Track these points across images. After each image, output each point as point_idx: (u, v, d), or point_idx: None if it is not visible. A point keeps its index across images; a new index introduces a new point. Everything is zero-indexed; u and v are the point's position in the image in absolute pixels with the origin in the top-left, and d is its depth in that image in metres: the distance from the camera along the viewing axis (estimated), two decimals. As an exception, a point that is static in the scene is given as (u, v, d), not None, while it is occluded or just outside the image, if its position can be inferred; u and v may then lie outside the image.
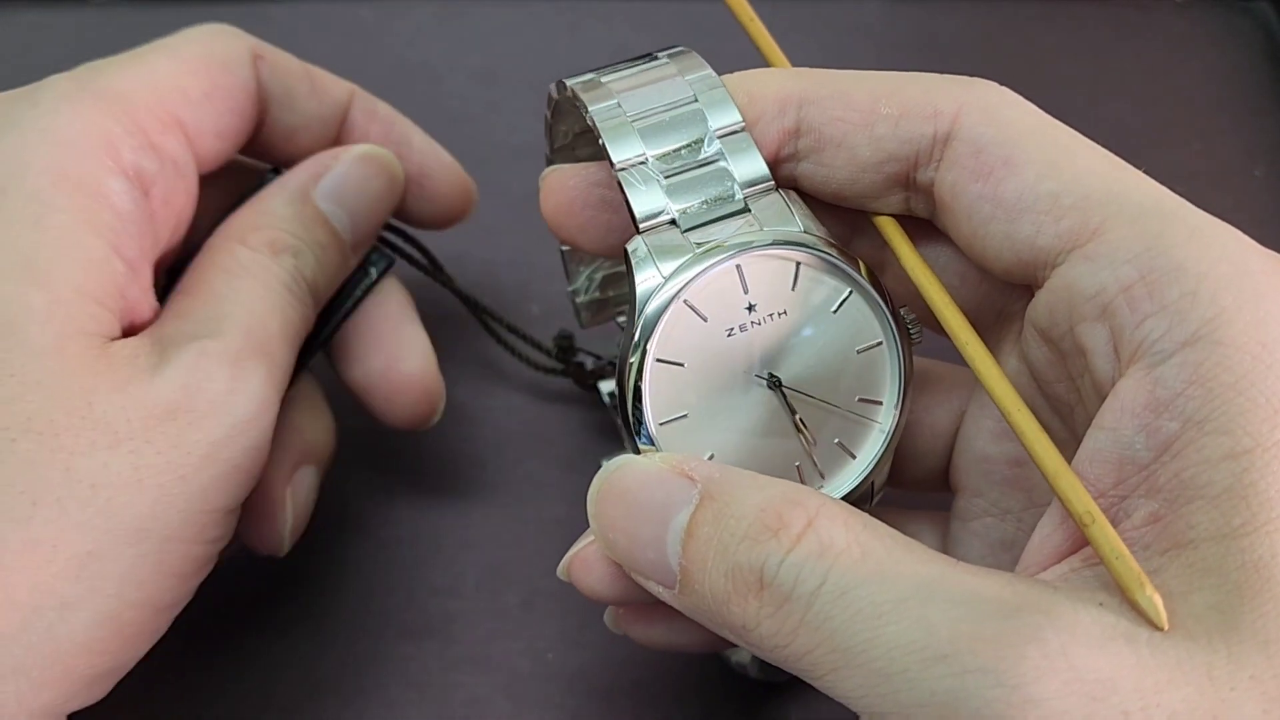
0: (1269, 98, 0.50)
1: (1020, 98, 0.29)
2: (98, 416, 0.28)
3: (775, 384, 0.28)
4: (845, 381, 0.29)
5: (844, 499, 0.28)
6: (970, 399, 0.32)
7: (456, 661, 0.37)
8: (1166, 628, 0.23)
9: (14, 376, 0.28)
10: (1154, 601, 0.23)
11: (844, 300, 0.29)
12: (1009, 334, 0.31)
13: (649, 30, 0.49)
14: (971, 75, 0.30)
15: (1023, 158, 0.27)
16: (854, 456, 0.29)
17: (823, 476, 0.29)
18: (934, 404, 0.33)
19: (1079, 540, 0.26)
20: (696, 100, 0.29)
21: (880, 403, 0.29)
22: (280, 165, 0.37)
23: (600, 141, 0.29)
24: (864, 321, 0.29)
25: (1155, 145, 0.48)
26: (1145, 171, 0.28)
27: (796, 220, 0.29)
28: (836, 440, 0.29)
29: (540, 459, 0.41)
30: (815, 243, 0.28)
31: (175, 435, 0.29)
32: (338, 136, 0.37)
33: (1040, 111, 0.28)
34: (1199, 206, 0.27)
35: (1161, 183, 0.27)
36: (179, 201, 0.33)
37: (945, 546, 0.33)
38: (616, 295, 0.39)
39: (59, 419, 0.28)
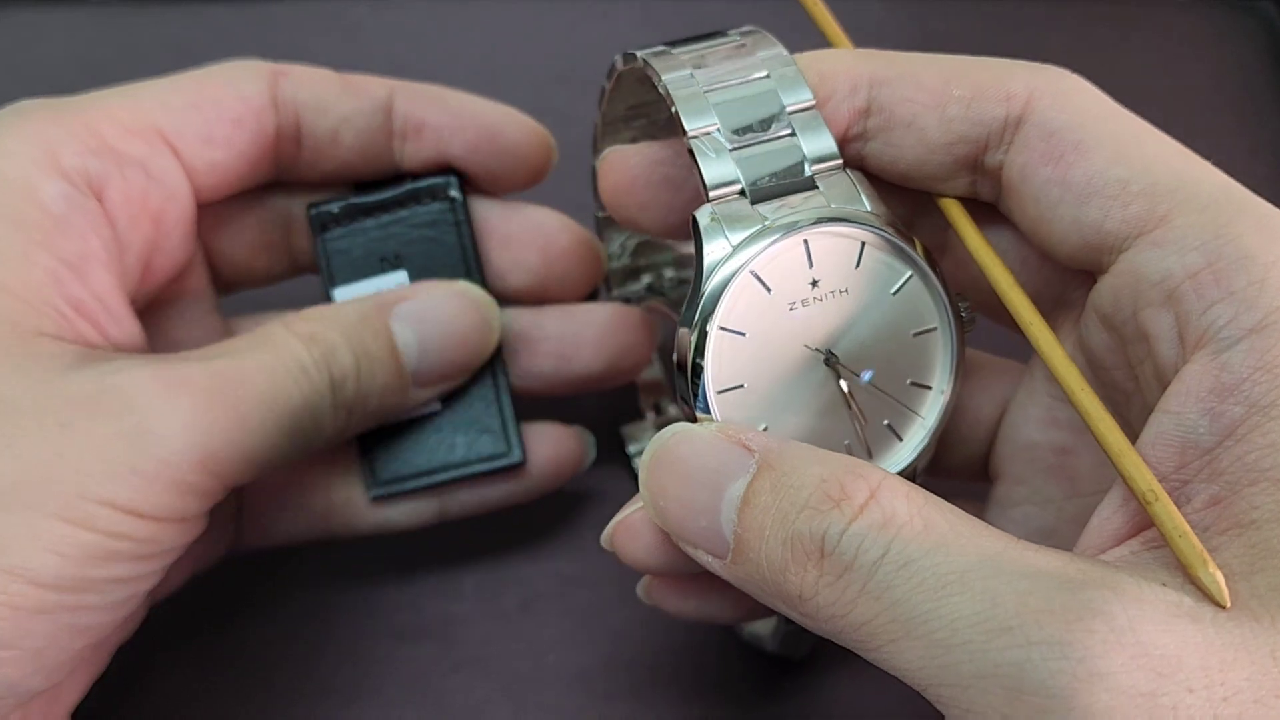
0: (1271, 97, 0.50)
1: (1090, 84, 0.29)
2: None
3: (832, 361, 0.29)
4: (899, 364, 0.29)
5: None
6: (1017, 387, 0.32)
7: (456, 663, 0.37)
8: (1229, 605, 0.23)
9: None
10: (1216, 579, 0.23)
11: (905, 282, 0.29)
12: (1066, 321, 0.31)
13: (652, 28, 0.49)
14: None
15: (1093, 143, 0.27)
16: (901, 439, 0.30)
17: (870, 456, 0.29)
18: (978, 391, 0.33)
19: (1139, 524, 0.26)
20: (769, 77, 0.29)
21: (930, 387, 0.29)
22: (359, 180, 0.37)
23: (673, 109, 0.29)
24: (922, 305, 0.29)
25: (1157, 145, 0.48)
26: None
27: (863, 200, 0.29)
28: (886, 421, 0.29)
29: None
30: (880, 223, 0.29)
31: (65, 427, 0.28)
32: (390, 132, 0.37)
33: (1110, 99, 0.29)
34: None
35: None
36: (154, 202, 0.33)
37: None
38: (648, 263, 0.39)
39: None
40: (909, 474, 0.30)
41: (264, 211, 0.38)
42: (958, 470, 0.34)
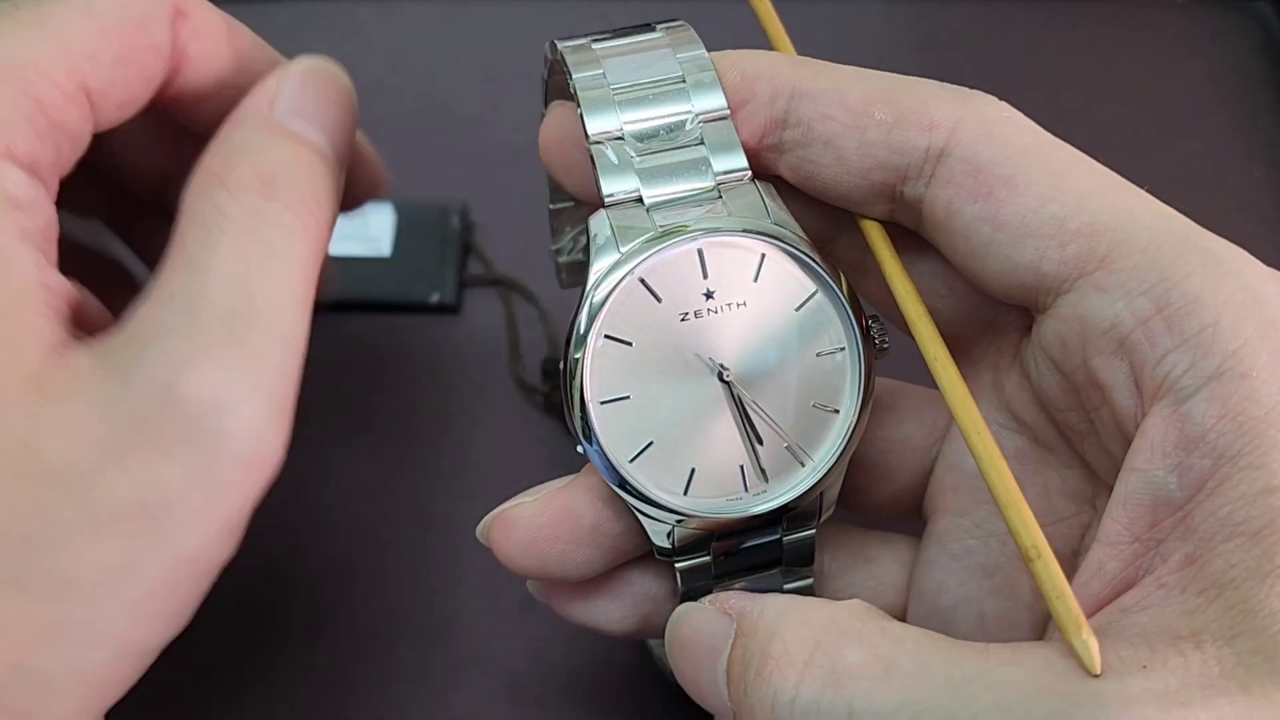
0: (1269, 97, 0.50)
1: (1018, 114, 0.28)
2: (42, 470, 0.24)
3: (726, 376, 0.27)
4: (801, 384, 0.28)
5: (787, 508, 0.28)
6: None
7: (456, 663, 0.37)
8: (1098, 672, 0.22)
9: None
10: (1089, 646, 0.22)
11: (808, 299, 0.28)
12: (998, 346, 0.30)
13: (649, 30, 0.49)
14: (972, 75, 0.29)
15: (1023, 178, 0.26)
16: (802, 464, 0.28)
17: (766, 480, 0.28)
18: (909, 420, 0.32)
19: (1116, 588, 0.25)
20: (684, 80, 0.28)
21: (835, 411, 0.28)
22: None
23: (579, 112, 0.28)
24: (827, 324, 0.28)
25: (1155, 145, 0.48)
26: (1146, 172, 0.28)
27: (769, 212, 0.28)
28: (786, 445, 0.28)
29: (539, 463, 0.41)
30: (784, 235, 0.28)
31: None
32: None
33: (1039, 129, 0.28)
34: (1199, 207, 0.27)
35: (1161, 182, 0.27)
36: (67, 164, 0.29)
37: (914, 570, 0.32)
38: None
39: None
40: (813, 504, 0.29)
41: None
42: (885, 505, 0.33)
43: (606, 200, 0.28)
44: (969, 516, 0.31)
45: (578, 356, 0.27)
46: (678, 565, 0.29)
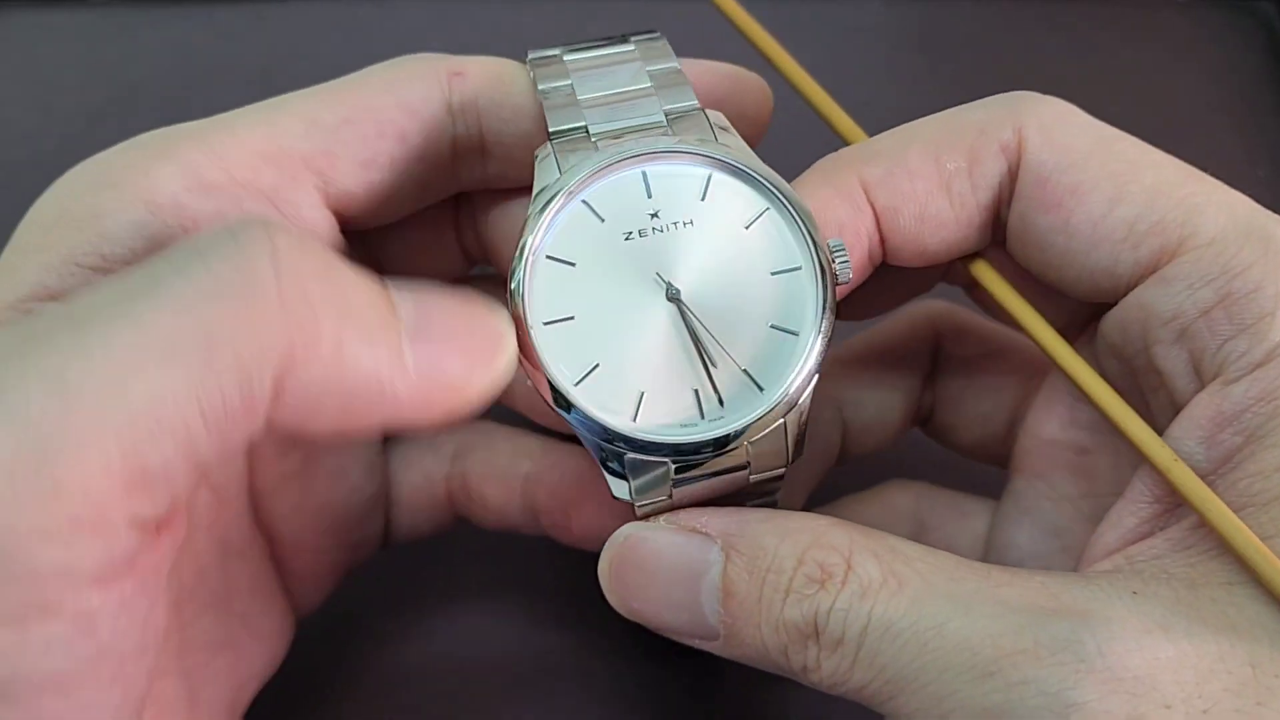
0: (1271, 97, 0.49)
1: (1073, 109, 0.28)
2: None
3: (674, 296, 0.27)
4: (756, 304, 0.27)
5: (748, 433, 0.27)
6: (1041, 385, 0.32)
7: (456, 663, 0.37)
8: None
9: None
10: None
11: (758, 217, 0.27)
12: (1074, 340, 0.31)
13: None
14: (972, 75, 0.29)
15: (1089, 184, 0.27)
16: (761, 388, 0.27)
17: (722, 405, 0.27)
18: (1004, 371, 0.33)
19: (1128, 539, 0.26)
20: (654, 93, 0.29)
21: (795, 333, 0.27)
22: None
23: (545, 121, 0.28)
24: (781, 242, 0.27)
25: (1158, 145, 0.47)
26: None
27: (714, 135, 0.28)
28: (744, 368, 0.27)
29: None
30: (731, 155, 0.27)
31: None
32: None
33: (1097, 123, 0.28)
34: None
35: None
36: None
37: (994, 525, 0.33)
38: None
39: None
40: (778, 437, 0.27)
41: (431, 212, 0.33)
42: (971, 448, 0.34)
43: (553, 134, 0.28)
44: (1044, 480, 0.32)
45: (521, 278, 0.26)
46: (638, 506, 0.28)
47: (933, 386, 0.35)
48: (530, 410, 0.34)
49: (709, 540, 0.26)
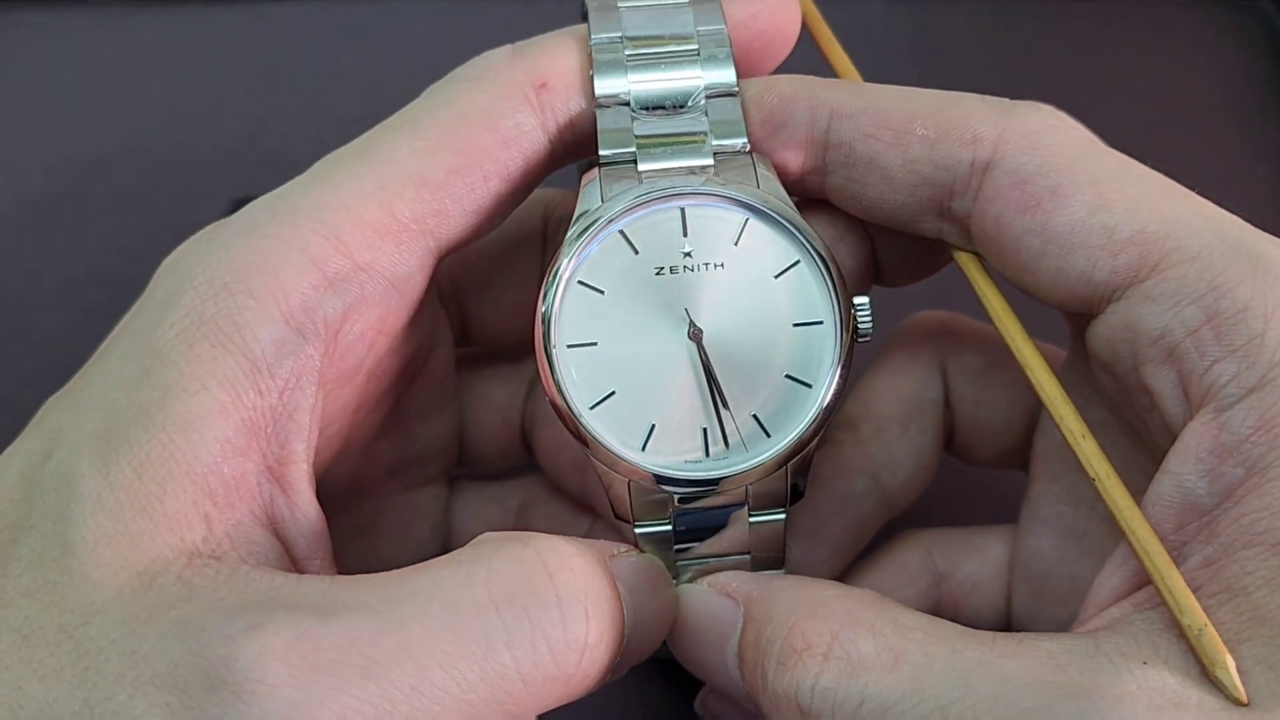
0: (1272, 96, 0.49)
1: (1066, 119, 0.28)
2: None
3: (696, 335, 0.27)
4: (775, 354, 0.27)
5: (748, 477, 0.27)
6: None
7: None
8: (1246, 701, 0.22)
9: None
10: (1231, 675, 0.22)
11: (789, 268, 0.28)
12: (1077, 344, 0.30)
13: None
14: (973, 75, 0.29)
15: (1070, 188, 0.26)
16: (769, 435, 0.27)
17: (728, 447, 0.27)
18: (1011, 382, 0.33)
19: (1136, 582, 0.25)
20: (698, 51, 0.29)
21: (808, 385, 0.27)
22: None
23: (590, 72, 0.29)
24: (807, 295, 0.27)
25: (1157, 145, 0.47)
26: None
27: (759, 182, 0.28)
28: (754, 413, 0.27)
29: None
30: (771, 203, 0.27)
31: None
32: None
33: (1087, 133, 0.28)
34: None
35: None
36: (393, 317, 0.28)
37: (1017, 537, 0.33)
38: None
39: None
40: (777, 486, 0.28)
41: (528, 264, 0.33)
42: (993, 460, 0.34)
43: (603, 159, 0.28)
44: (1060, 482, 0.32)
45: (551, 300, 0.27)
46: (637, 530, 0.28)
47: (949, 410, 0.34)
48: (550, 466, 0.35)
49: (734, 605, 0.26)
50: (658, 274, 0.27)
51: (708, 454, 0.27)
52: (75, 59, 0.49)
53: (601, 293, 0.27)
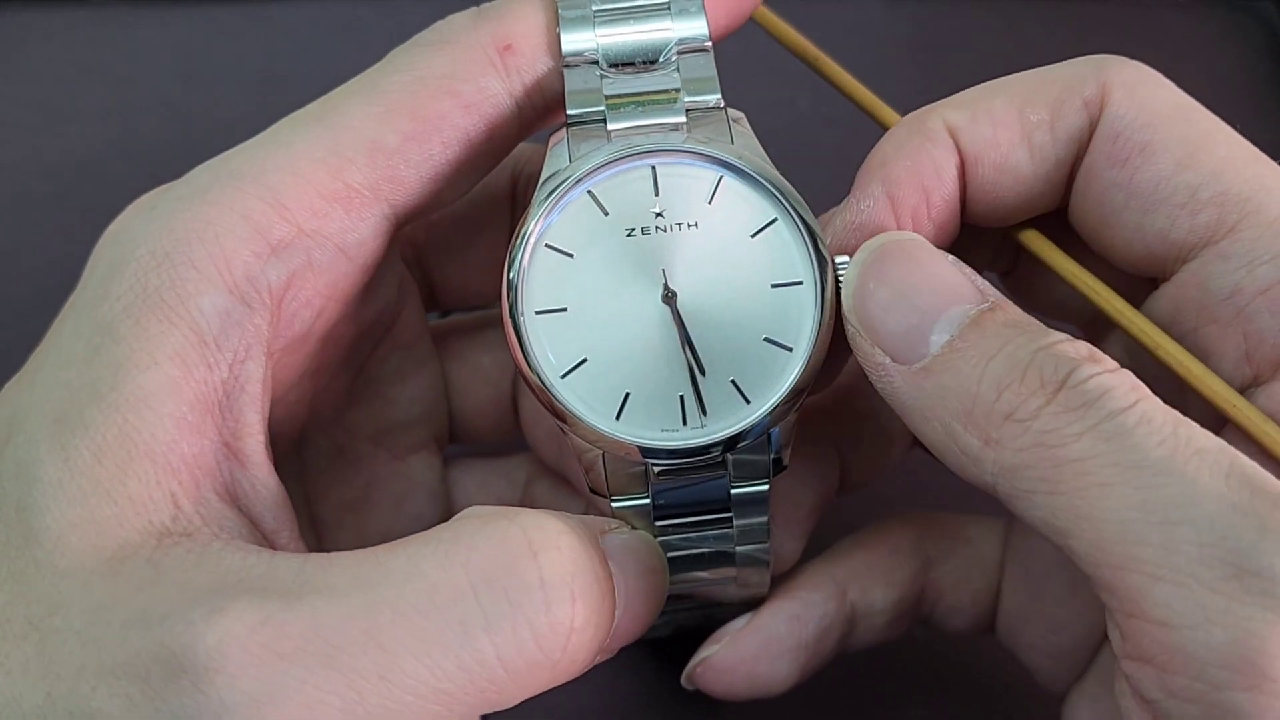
0: (1272, 97, 0.49)
1: (1161, 77, 0.28)
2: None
3: (670, 298, 0.26)
4: (752, 316, 0.26)
5: (727, 448, 0.26)
6: None
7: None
8: None
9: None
10: None
11: (765, 226, 0.27)
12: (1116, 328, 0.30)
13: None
14: (972, 76, 0.29)
15: (1160, 145, 0.26)
16: (747, 401, 0.26)
17: (704, 414, 0.26)
18: None
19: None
20: (669, 7, 0.28)
21: (788, 348, 0.26)
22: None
23: (557, 30, 0.28)
24: (785, 254, 0.26)
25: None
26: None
27: (733, 138, 0.27)
28: (731, 378, 0.26)
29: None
30: (745, 161, 0.27)
31: None
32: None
33: (1182, 93, 0.28)
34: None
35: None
36: (344, 284, 0.28)
37: (1008, 539, 0.33)
38: None
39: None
40: (760, 455, 0.27)
41: (497, 224, 0.33)
42: None
43: (570, 119, 0.27)
44: None
45: (518, 264, 0.26)
46: (614, 504, 0.28)
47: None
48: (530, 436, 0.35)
49: (981, 295, 0.25)
50: (629, 235, 0.26)
51: (684, 421, 0.26)
52: (75, 59, 0.49)
53: (570, 256, 0.26)
